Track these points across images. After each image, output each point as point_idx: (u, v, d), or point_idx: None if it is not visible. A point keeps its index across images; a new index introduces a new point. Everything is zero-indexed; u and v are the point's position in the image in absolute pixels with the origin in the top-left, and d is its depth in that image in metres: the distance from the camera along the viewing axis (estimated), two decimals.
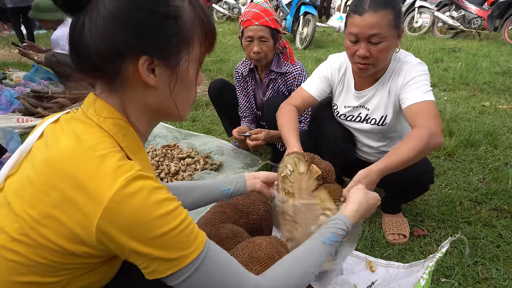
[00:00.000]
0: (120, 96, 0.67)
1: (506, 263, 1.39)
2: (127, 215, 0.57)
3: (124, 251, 0.60)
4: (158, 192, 0.60)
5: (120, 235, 0.57)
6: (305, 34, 6.36)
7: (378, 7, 1.25)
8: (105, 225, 0.57)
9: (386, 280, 1.30)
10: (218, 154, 2.36)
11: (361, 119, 1.55)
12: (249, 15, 1.95)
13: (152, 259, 0.60)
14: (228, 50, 6.20)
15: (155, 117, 0.74)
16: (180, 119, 0.76)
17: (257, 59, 2.00)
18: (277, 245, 1.12)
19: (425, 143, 1.17)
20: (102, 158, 0.59)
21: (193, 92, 0.74)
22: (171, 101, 0.70)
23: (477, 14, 6.73)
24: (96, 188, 0.56)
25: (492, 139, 2.45)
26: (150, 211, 0.58)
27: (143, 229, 0.58)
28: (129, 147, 0.67)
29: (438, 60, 5.09)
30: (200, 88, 4.09)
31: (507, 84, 3.82)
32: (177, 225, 0.61)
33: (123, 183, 0.57)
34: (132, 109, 0.69)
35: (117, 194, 0.56)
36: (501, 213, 1.69)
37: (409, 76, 1.36)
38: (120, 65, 0.64)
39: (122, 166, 0.59)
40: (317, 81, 1.60)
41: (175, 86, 0.68)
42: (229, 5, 10.01)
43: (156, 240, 0.59)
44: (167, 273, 0.61)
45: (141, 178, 0.59)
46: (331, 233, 0.88)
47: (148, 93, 0.67)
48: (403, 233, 1.52)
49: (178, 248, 0.61)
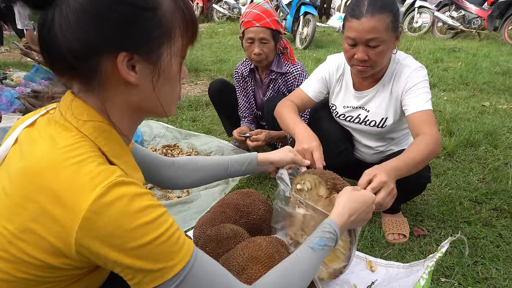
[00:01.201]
0: (100, 96, 0.63)
1: (506, 263, 1.39)
2: (106, 225, 0.53)
3: (106, 262, 0.57)
4: (140, 199, 0.57)
5: (100, 246, 0.54)
6: (305, 34, 6.37)
7: (376, 11, 1.26)
8: (84, 237, 0.54)
9: (386, 280, 1.30)
10: (218, 154, 2.36)
11: (360, 121, 1.55)
12: (250, 16, 1.95)
13: (135, 270, 0.57)
14: (228, 50, 6.21)
15: (138, 116, 0.70)
16: (166, 116, 0.72)
17: (258, 60, 2.00)
18: (277, 245, 1.12)
19: (432, 148, 1.22)
20: (79, 165, 0.55)
21: (177, 87, 0.70)
22: (154, 98, 0.66)
23: (477, 14, 6.74)
24: (73, 199, 0.53)
25: (492, 139, 2.45)
26: (131, 220, 0.55)
27: (124, 239, 0.54)
28: (111, 151, 0.63)
29: (438, 60, 5.09)
30: (200, 88, 4.10)
31: (507, 84, 3.83)
32: (161, 234, 0.57)
33: (102, 191, 0.53)
34: (114, 109, 0.65)
35: (95, 203, 0.53)
36: (501, 213, 1.69)
37: (412, 82, 1.38)
38: (96, 63, 0.59)
39: (101, 173, 0.55)
40: (314, 82, 1.61)
41: (157, 82, 0.64)
42: (229, 5, 10.01)
43: (138, 251, 0.56)
44: (152, 285, 0.58)
45: (122, 185, 0.55)
46: (319, 238, 0.85)
47: (129, 91, 0.63)
48: (403, 233, 1.52)
49: (163, 259, 0.58)
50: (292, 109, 1.51)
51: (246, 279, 0.98)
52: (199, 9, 10.33)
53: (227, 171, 1.12)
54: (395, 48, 1.40)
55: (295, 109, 1.52)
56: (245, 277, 0.99)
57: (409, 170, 1.17)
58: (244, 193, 1.41)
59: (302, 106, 1.61)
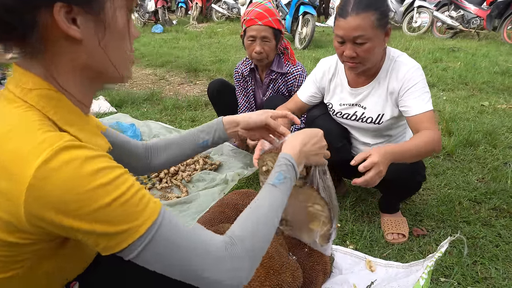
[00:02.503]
0: (44, 61, 0.58)
1: (505, 263, 1.39)
2: (55, 190, 0.50)
3: (66, 231, 0.53)
4: (93, 162, 0.53)
5: (52, 214, 0.51)
6: (304, 34, 6.37)
7: (361, 10, 1.30)
8: (33, 206, 0.50)
9: (386, 280, 1.30)
10: (217, 154, 2.36)
11: (356, 118, 1.57)
12: (252, 14, 1.95)
13: (97, 235, 0.54)
14: (228, 50, 6.21)
15: (90, 79, 0.64)
16: (121, 80, 0.67)
17: (259, 59, 2.00)
18: (276, 245, 1.12)
19: (431, 145, 1.26)
20: (24, 134, 0.52)
21: (127, 44, 0.65)
22: (102, 54, 0.61)
23: (476, 14, 6.74)
24: (17, 169, 0.50)
25: (491, 138, 2.45)
26: (84, 182, 0.51)
27: (78, 204, 0.51)
28: (63, 119, 0.59)
29: (437, 60, 5.09)
30: (199, 88, 4.09)
31: (506, 83, 3.83)
32: (120, 194, 0.54)
33: (47, 156, 0.50)
34: (61, 73, 0.60)
35: (40, 169, 0.49)
36: (500, 213, 1.70)
37: (411, 82, 1.39)
38: (33, 17, 0.54)
39: (46, 139, 0.51)
40: (306, 87, 1.70)
41: (104, 37, 0.59)
42: (228, 5, 10.01)
43: (96, 215, 0.52)
44: (118, 248, 0.55)
45: (70, 148, 0.52)
46: (278, 173, 0.80)
47: (74, 49, 0.58)
48: (402, 233, 1.53)
49: (126, 220, 0.54)
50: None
51: None
52: (198, 9, 10.33)
53: (195, 144, 1.01)
54: (385, 44, 1.43)
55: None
56: None
57: (404, 159, 1.23)
58: (243, 193, 1.41)
59: (298, 110, 1.72)
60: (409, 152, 1.24)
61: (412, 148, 1.24)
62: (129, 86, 4.29)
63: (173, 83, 4.39)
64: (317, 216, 1.12)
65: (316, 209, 1.07)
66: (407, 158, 1.24)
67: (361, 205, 1.77)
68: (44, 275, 0.63)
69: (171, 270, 0.60)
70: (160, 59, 5.60)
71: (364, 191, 1.89)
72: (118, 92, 3.79)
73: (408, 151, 1.23)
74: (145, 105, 3.42)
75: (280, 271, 1.03)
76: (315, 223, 1.15)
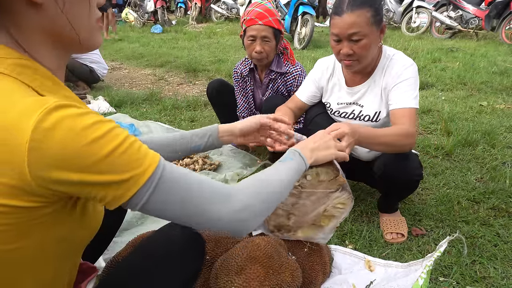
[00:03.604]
0: (8, 29, 0.58)
1: (503, 262, 1.39)
2: (55, 149, 0.51)
3: (73, 188, 0.55)
4: (86, 117, 0.54)
5: (58, 172, 0.52)
6: (303, 34, 6.37)
7: (356, 7, 1.31)
8: (37, 168, 0.51)
9: (385, 279, 1.30)
10: (216, 154, 2.36)
11: (354, 116, 1.58)
12: (252, 14, 1.95)
13: (105, 186, 0.55)
14: (227, 51, 6.21)
15: (58, 46, 0.63)
16: (88, 46, 0.66)
17: (259, 58, 2.00)
18: (276, 244, 1.12)
19: (401, 138, 1.30)
20: (8, 101, 0.52)
21: (88, 8, 0.64)
22: (64, 19, 0.60)
23: (474, 14, 6.76)
24: (11, 135, 0.50)
25: (489, 138, 2.46)
26: (80, 138, 0.52)
27: (79, 159, 0.52)
28: (43, 86, 0.59)
29: (436, 60, 5.10)
30: (199, 89, 4.09)
31: (504, 83, 3.84)
32: (117, 145, 0.56)
33: (39, 118, 0.50)
34: (30, 41, 0.60)
35: (36, 131, 0.50)
36: (498, 212, 1.70)
37: (401, 77, 1.41)
38: None
39: (33, 103, 0.52)
40: (306, 87, 1.71)
41: (63, 1, 0.59)
42: (227, 5, 10.01)
43: (99, 165, 0.54)
44: (126, 197, 0.57)
45: (60, 108, 0.52)
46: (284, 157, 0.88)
47: (35, 13, 0.58)
48: (401, 232, 1.53)
49: (128, 168, 0.56)
50: (286, 113, 1.64)
51: (245, 279, 0.98)
52: (197, 9, 10.33)
53: (188, 146, 1.03)
54: (381, 42, 1.44)
55: (289, 113, 1.66)
56: (244, 277, 0.99)
57: (370, 144, 1.27)
58: None
59: (298, 110, 1.73)
60: (377, 138, 1.26)
61: (380, 136, 1.27)
62: (128, 86, 4.29)
63: (172, 83, 4.39)
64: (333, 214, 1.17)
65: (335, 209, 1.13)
66: (373, 144, 1.27)
67: (360, 204, 1.77)
68: (55, 242, 0.63)
69: (177, 213, 0.63)
70: (159, 59, 5.59)
71: (363, 191, 1.90)
72: (118, 92, 3.78)
73: (375, 137, 1.26)
74: (145, 105, 3.42)
75: (279, 271, 1.04)
76: (325, 221, 1.19)
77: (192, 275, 0.83)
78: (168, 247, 0.78)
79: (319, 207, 1.16)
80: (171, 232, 0.81)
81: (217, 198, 0.66)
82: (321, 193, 1.14)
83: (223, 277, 1.01)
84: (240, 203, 0.68)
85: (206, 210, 0.64)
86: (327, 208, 1.16)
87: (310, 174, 1.11)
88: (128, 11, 10.62)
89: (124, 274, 0.77)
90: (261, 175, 0.79)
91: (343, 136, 1.11)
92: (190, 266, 0.81)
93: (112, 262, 1.11)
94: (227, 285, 0.99)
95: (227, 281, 1.00)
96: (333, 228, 1.21)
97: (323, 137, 1.04)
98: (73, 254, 0.72)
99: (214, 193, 0.66)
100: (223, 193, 0.67)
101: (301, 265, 1.20)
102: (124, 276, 0.76)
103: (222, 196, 0.67)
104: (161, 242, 0.79)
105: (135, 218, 1.64)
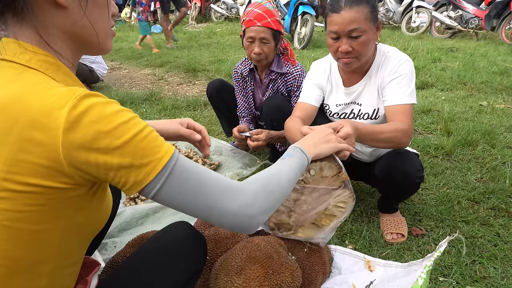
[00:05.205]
0: (37, 28, 0.63)
1: (503, 262, 1.39)
2: (86, 131, 0.56)
3: (98, 170, 0.59)
4: (111, 105, 0.60)
5: (87, 154, 0.57)
6: (303, 34, 6.37)
7: (354, 3, 1.31)
8: (70, 149, 0.56)
9: (385, 279, 1.30)
10: (216, 154, 2.36)
11: (354, 115, 1.57)
12: (251, 15, 1.95)
13: (127, 168, 0.60)
14: (227, 50, 6.21)
15: (76, 46, 0.69)
16: (103, 49, 0.72)
17: (258, 60, 2.00)
18: (276, 244, 1.12)
19: (398, 134, 1.30)
20: (43, 91, 0.58)
21: (107, 15, 0.71)
22: (86, 22, 0.66)
23: (474, 14, 6.76)
24: (47, 119, 0.55)
25: (489, 138, 2.46)
26: (108, 122, 0.58)
27: (106, 141, 0.58)
28: (64, 82, 0.65)
29: (435, 60, 5.10)
30: (198, 89, 4.09)
31: (504, 83, 3.84)
32: (139, 130, 0.61)
33: (72, 103, 0.56)
34: (53, 39, 0.65)
35: (70, 115, 0.56)
36: (498, 212, 1.70)
37: (396, 73, 1.41)
38: None
39: (66, 92, 0.58)
40: (309, 89, 1.64)
41: (86, 5, 0.65)
42: (227, 5, 10.01)
43: (123, 148, 0.59)
44: (145, 182, 0.61)
45: (89, 96, 0.58)
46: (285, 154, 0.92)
47: (61, 15, 0.64)
48: (401, 232, 1.53)
49: (148, 153, 0.61)
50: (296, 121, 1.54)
51: (245, 279, 0.98)
52: (197, 9, 10.33)
53: None
54: (377, 39, 1.43)
55: (299, 122, 1.54)
56: (244, 278, 0.99)
57: (366, 140, 1.28)
58: None
59: (307, 116, 1.60)
60: (372, 135, 1.26)
61: (376, 132, 1.27)
62: (128, 86, 4.29)
63: (172, 83, 4.39)
64: (334, 213, 1.18)
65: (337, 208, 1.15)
66: (368, 140, 1.28)
67: (360, 205, 1.77)
68: (76, 227, 0.67)
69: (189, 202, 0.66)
70: (159, 59, 5.59)
71: (363, 191, 1.90)
72: (117, 92, 3.78)
73: (371, 134, 1.26)
74: (144, 105, 3.42)
75: (279, 271, 1.04)
76: (326, 220, 1.20)
77: (195, 274, 0.86)
78: (172, 246, 0.82)
79: (320, 205, 1.16)
80: (176, 232, 0.85)
81: (227, 192, 0.69)
82: (323, 190, 1.14)
83: (223, 277, 1.01)
84: (248, 198, 0.71)
85: (218, 202, 0.68)
86: (329, 206, 1.16)
87: (314, 168, 1.11)
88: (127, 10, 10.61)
89: (129, 273, 0.80)
90: (266, 172, 0.81)
91: (348, 137, 1.12)
92: (193, 266, 0.84)
93: (112, 262, 1.11)
94: (227, 285, 0.99)
95: (227, 281, 1.00)
96: (333, 229, 1.21)
97: (323, 131, 1.06)
98: (86, 242, 0.75)
99: (225, 186, 0.69)
100: (232, 188, 0.70)
101: (301, 265, 1.20)
102: (130, 275, 0.79)
103: (231, 191, 0.70)
104: (166, 242, 0.83)
105: (134, 219, 1.64)
